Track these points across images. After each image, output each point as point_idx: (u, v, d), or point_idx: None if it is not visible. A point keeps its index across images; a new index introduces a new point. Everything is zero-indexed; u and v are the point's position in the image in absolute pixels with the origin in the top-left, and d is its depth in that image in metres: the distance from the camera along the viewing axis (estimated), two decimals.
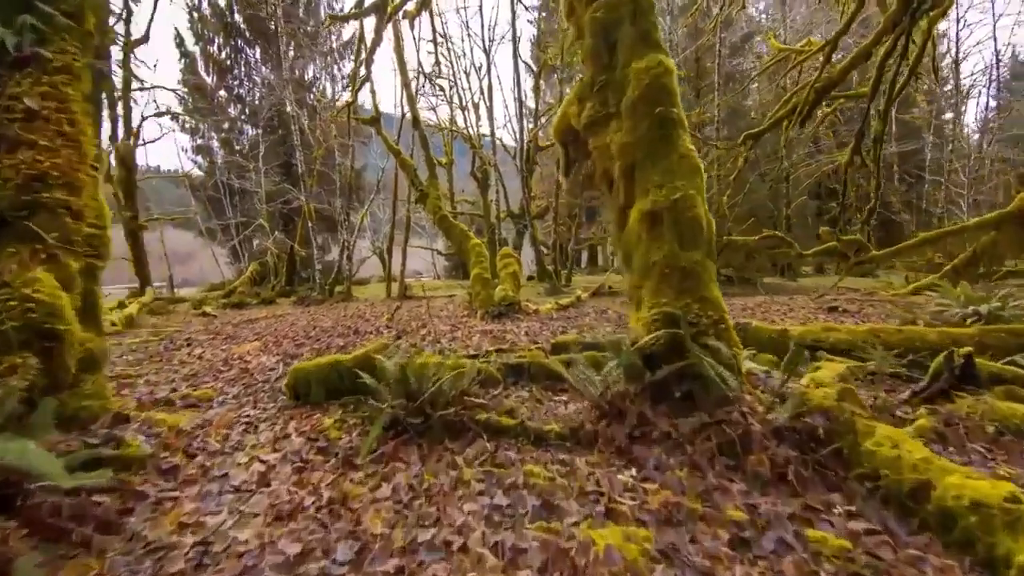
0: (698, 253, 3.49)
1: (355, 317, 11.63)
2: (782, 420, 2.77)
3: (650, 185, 3.60)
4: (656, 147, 3.64)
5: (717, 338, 3.35)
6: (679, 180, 3.55)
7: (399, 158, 11.47)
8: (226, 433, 3.52)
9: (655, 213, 3.53)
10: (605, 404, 3.33)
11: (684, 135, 3.71)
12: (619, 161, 3.76)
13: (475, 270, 10.09)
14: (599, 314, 9.70)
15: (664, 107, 3.65)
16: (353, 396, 4.07)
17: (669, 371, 3.20)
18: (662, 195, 3.53)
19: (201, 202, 22.34)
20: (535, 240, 15.86)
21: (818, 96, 12.54)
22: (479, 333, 7.43)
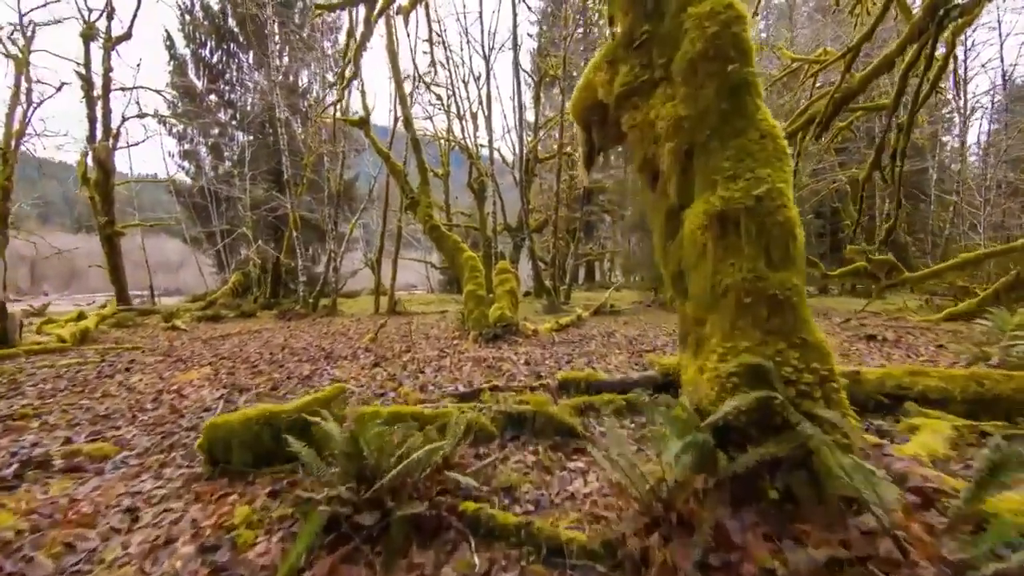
0: (793, 274, 2.33)
1: (335, 335, 10.43)
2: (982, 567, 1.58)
3: (718, 175, 2.44)
4: (726, 122, 2.48)
5: (827, 403, 2.17)
6: (762, 168, 2.39)
7: (388, 163, 10.35)
8: (80, 534, 2.30)
9: (727, 215, 2.37)
10: (658, 504, 2.13)
11: (763, 106, 2.56)
12: (669, 143, 2.60)
13: (469, 286, 8.91)
14: (605, 338, 8.52)
15: (737, 65, 2.51)
16: (292, 464, 2.88)
17: (760, 457, 2.02)
18: (738, 189, 2.37)
19: (187, 209, 21.10)
20: (533, 254, 14.72)
21: (836, 107, 11.55)
22: (471, 361, 6.22)
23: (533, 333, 8.91)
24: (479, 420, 3.54)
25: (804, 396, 2.14)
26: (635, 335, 8.80)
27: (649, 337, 8.55)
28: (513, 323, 8.19)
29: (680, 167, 2.58)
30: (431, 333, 9.80)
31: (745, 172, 2.40)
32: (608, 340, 8.17)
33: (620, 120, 2.92)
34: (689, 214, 2.53)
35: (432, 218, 9.68)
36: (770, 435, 2.11)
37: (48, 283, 45.46)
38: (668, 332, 9.25)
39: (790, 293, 2.27)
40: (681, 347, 2.72)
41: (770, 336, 2.23)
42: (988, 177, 16.91)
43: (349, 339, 9.79)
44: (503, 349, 7.20)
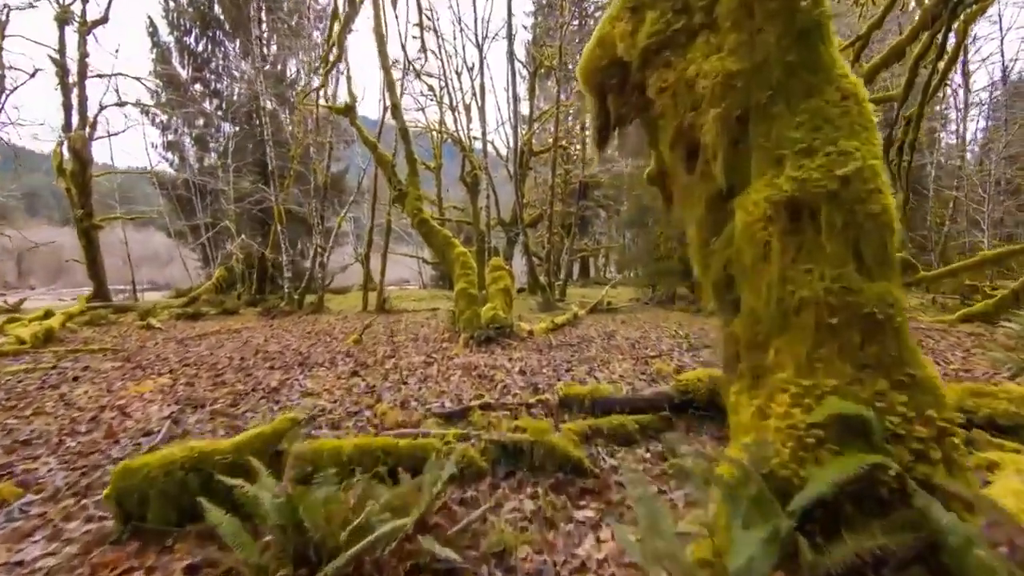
0: (893, 284, 1.68)
1: (318, 336, 9.75)
2: None
3: (786, 149, 1.79)
4: (794, 77, 1.83)
5: (948, 466, 1.53)
6: (846, 139, 1.74)
7: (375, 152, 9.65)
8: None
9: (800, 203, 1.72)
10: None
11: (839, 58, 1.91)
12: (715, 108, 1.94)
13: (460, 284, 8.24)
14: (605, 340, 7.88)
15: (809, 2, 1.85)
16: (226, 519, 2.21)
17: (864, 550, 1.38)
18: (815, 168, 1.72)
19: (170, 201, 20.25)
20: (528, 250, 14.06)
21: None
22: (460, 369, 5.56)
23: (528, 335, 8.27)
24: (467, 454, 2.89)
25: (919, 458, 1.50)
26: (637, 337, 8.17)
27: (652, 339, 7.92)
28: (507, 325, 7.54)
29: (730, 139, 1.92)
30: (419, 334, 9.13)
31: (824, 145, 1.74)
32: (608, 343, 7.53)
33: (645, 82, 2.26)
34: (743, 202, 1.87)
35: (421, 211, 9.00)
36: (872, 513, 1.47)
37: (35, 277, 44.40)
38: (671, 333, 8.64)
39: (891, 311, 1.62)
40: (728, 375, 2.07)
41: (866, 372, 1.59)
42: (991, 173, 16.37)
43: (332, 341, 9.12)
44: (496, 354, 6.54)
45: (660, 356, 6.29)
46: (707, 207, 2.05)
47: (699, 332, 8.79)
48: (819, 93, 1.81)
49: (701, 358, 6.23)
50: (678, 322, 11.34)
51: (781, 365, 1.72)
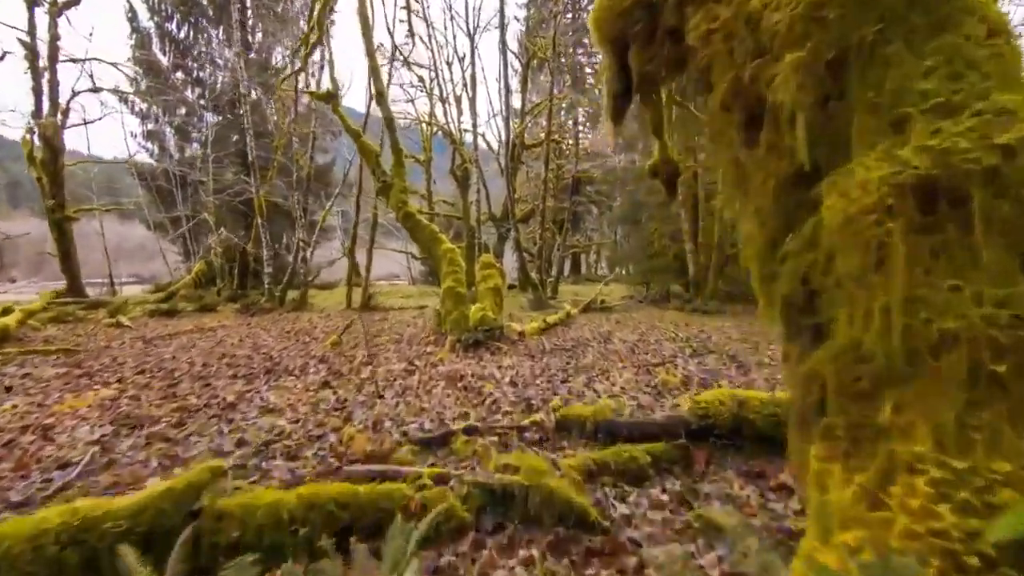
0: None
1: (297, 336, 9.12)
2: None
3: (910, 106, 1.20)
4: (917, 5, 1.24)
5: None
6: (1000, 91, 1.16)
7: (359, 141, 8.99)
8: None
9: (937, 185, 1.13)
10: None
11: None
12: (793, 52, 1.35)
13: (447, 282, 7.63)
14: (602, 343, 7.31)
15: None
16: None
17: None
18: (959, 134, 1.13)
19: (150, 192, 19.39)
20: (519, 246, 13.46)
21: None
22: (444, 380, 4.95)
23: (520, 336, 7.67)
24: (450, 504, 2.29)
25: None
26: (635, 340, 7.61)
27: (651, 343, 7.35)
28: (497, 326, 6.94)
29: (817, 95, 1.32)
30: (404, 335, 8.51)
31: (971, 100, 1.15)
32: (606, 347, 6.96)
33: (683, 25, 1.66)
34: (841, 185, 1.27)
35: (406, 204, 8.36)
36: None
37: (17, 270, 43.19)
38: (670, 335, 8.08)
39: None
40: (800, 430, 1.47)
41: None
42: None
43: (309, 342, 8.48)
44: (485, 360, 5.94)
45: (663, 364, 5.73)
46: (776, 193, 1.46)
47: (699, 335, 8.24)
48: (955, 27, 1.22)
49: (707, 366, 5.67)
50: (674, 322, 10.81)
51: (907, 431, 1.13)
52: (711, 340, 7.56)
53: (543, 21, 18.50)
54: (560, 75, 17.34)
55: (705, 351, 6.55)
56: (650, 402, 4.20)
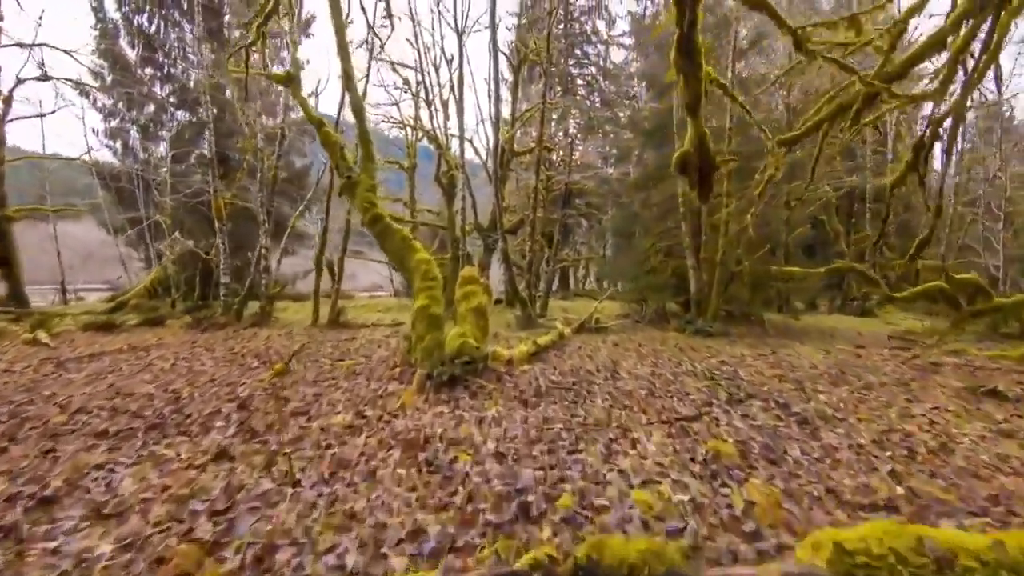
0: None
1: (242, 359, 7.53)
2: None
3: None
4: None
5: None
6: None
7: (321, 131, 7.41)
8: None
9: None
10: None
11: None
12: None
13: (420, 300, 6.03)
14: (609, 379, 5.75)
15: None
16: None
17: None
18: None
19: (110, 193, 17.53)
20: (507, 258, 11.90)
21: (872, 96, 9.21)
22: (401, 447, 3.34)
23: (507, 366, 6.09)
24: None
25: None
26: (647, 374, 6.06)
27: (668, 378, 5.82)
28: (479, 358, 5.35)
29: None
30: (367, 364, 6.89)
31: None
32: (615, 385, 5.40)
33: None
34: None
35: (375, 205, 6.76)
36: None
37: None
38: (686, 367, 6.56)
39: None
40: None
41: None
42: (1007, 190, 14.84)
43: (253, 368, 6.84)
44: (462, 406, 4.34)
45: (699, 417, 4.18)
46: None
47: (721, 367, 6.73)
48: None
49: (757, 421, 4.14)
50: (680, 346, 9.34)
51: None
52: (740, 376, 6.04)
53: (536, 21, 17.13)
54: (551, 79, 15.91)
55: (742, 394, 5.03)
56: (710, 499, 2.66)
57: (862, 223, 22.78)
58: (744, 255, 12.62)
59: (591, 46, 26.95)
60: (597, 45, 27.05)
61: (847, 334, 13.09)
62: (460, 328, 5.65)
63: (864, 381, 5.84)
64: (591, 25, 26.47)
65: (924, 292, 7.86)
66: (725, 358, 7.50)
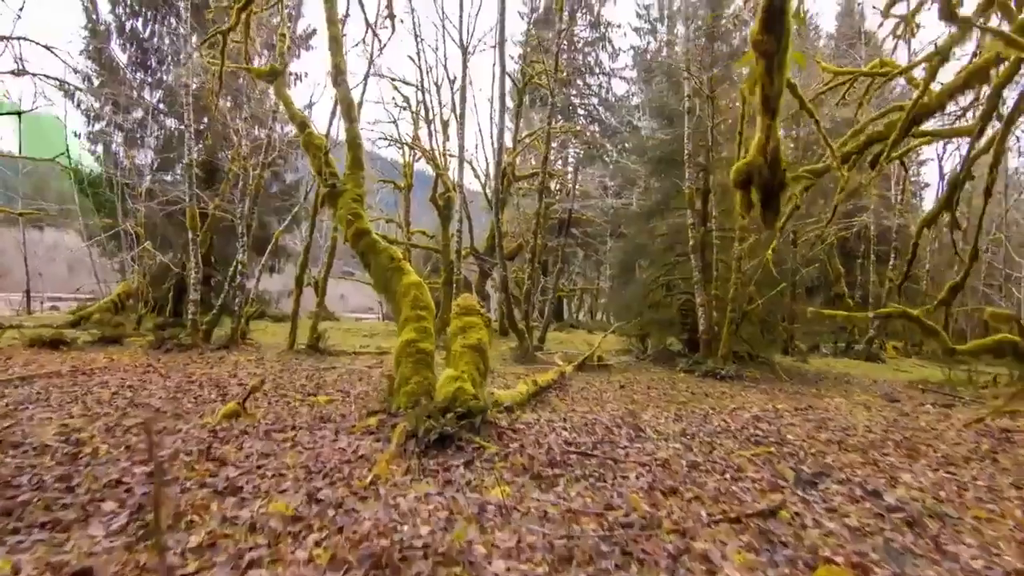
0: None
1: (198, 389, 6.35)
2: None
3: None
4: None
5: None
6: None
7: (304, 133, 6.36)
8: None
9: None
10: None
11: None
12: None
13: (407, 332, 4.89)
14: (635, 439, 4.61)
15: None
16: None
17: None
18: None
19: (87, 198, 16.31)
20: (505, 285, 10.80)
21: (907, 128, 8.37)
22: (363, 565, 2.19)
23: (509, 417, 4.94)
24: None
25: None
26: (677, 432, 4.92)
27: (704, 440, 4.68)
28: (478, 411, 4.19)
29: None
30: (340, 403, 5.70)
31: None
32: (644, 449, 4.26)
33: None
34: None
35: (360, 218, 5.66)
36: None
37: None
38: (722, 426, 5.43)
39: None
40: None
41: None
42: None
43: (209, 402, 5.67)
44: (455, 486, 3.16)
45: (775, 512, 3.04)
46: None
47: (758, 424, 5.62)
48: None
49: (853, 522, 3.01)
50: (691, 391, 8.28)
51: None
52: (787, 439, 4.92)
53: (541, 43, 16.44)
54: (558, 97, 15.13)
55: (807, 471, 3.90)
56: None
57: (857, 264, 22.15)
58: (755, 293, 11.64)
59: (593, 77, 26.51)
60: (599, 76, 26.62)
61: (862, 381, 12.05)
62: (454, 369, 4.50)
63: (940, 453, 4.74)
64: (594, 56, 26.07)
65: (994, 345, 6.82)
66: (757, 411, 6.39)
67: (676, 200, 13.42)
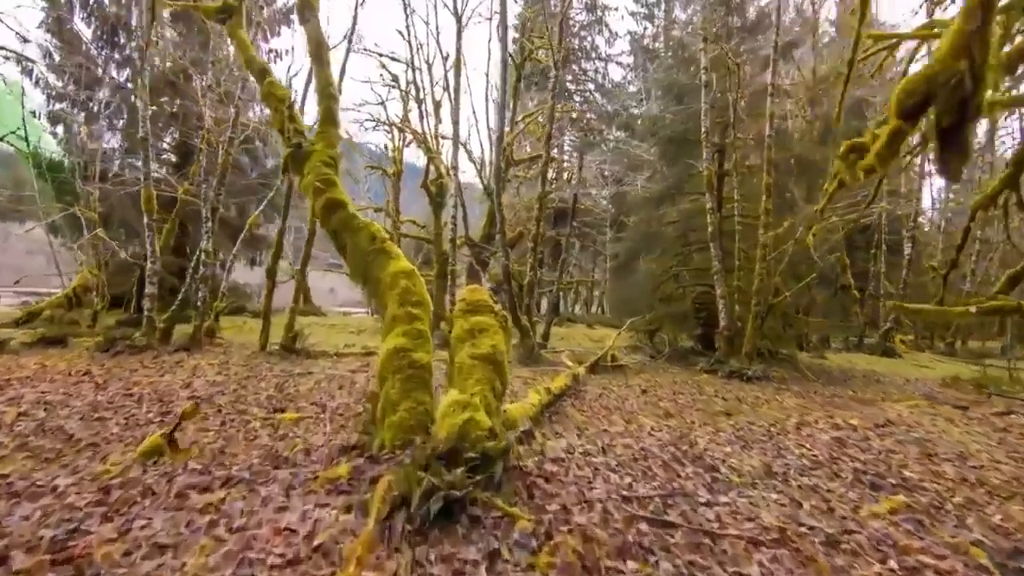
0: None
1: (135, 406, 4.89)
2: None
3: None
4: None
5: None
6: None
7: (265, 81, 4.83)
8: None
9: None
10: None
11: None
12: None
13: (394, 337, 3.48)
14: (717, 491, 3.24)
15: None
16: None
17: None
18: None
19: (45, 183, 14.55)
20: (508, 276, 9.35)
21: None
22: None
23: (535, 457, 3.56)
24: None
25: None
26: (759, 469, 3.55)
27: (792, 474, 3.33)
28: (497, 453, 2.77)
29: None
30: (312, 426, 4.28)
31: None
32: (733, 507, 2.89)
33: None
34: None
35: (333, 185, 4.20)
36: None
37: None
38: (808, 457, 4.08)
39: None
40: None
41: None
42: None
43: (127, 431, 4.22)
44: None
45: None
46: None
47: (836, 446, 4.28)
48: None
49: None
50: (723, 396, 6.98)
51: None
52: (908, 477, 3.59)
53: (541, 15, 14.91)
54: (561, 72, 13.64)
55: (992, 544, 2.56)
56: None
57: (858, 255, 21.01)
58: (781, 285, 10.32)
59: (589, 62, 25.02)
60: (595, 62, 25.13)
61: (894, 380, 10.80)
62: (460, 391, 3.08)
63: None
64: (590, 40, 24.57)
65: None
66: (830, 430, 5.04)
67: (690, 183, 12.05)
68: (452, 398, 3.03)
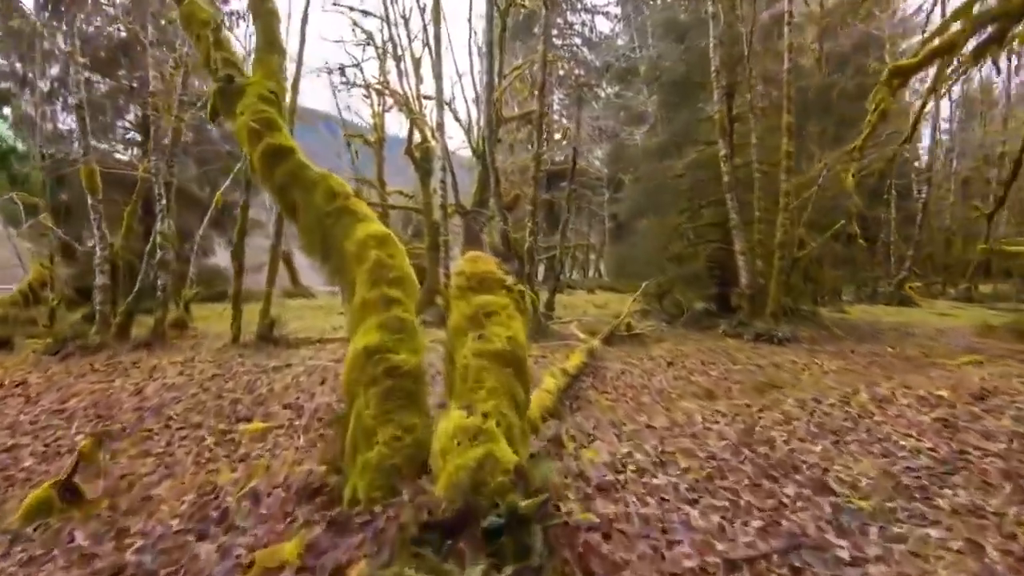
0: None
1: (64, 426, 3.80)
2: None
3: None
4: None
5: None
6: None
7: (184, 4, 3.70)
8: None
9: None
10: None
11: None
12: None
13: (365, 334, 2.40)
14: (827, 517, 2.23)
15: None
16: None
17: None
18: None
19: None
20: (508, 241, 8.21)
21: None
22: None
23: (574, 492, 2.52)
24: None
25: None
26: (876, 476, 2.54)
27: (936, 490, 2.33)
28: (530, 511, 1.71)
29: None
30: (283, 439, 3.25)
31: None
32: (888, 564, 1.89)
33: None
34: None
35: (277, 129, 3.05)
36: None
37: None
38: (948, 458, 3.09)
39: None
40: None
41: None
42: None
43: (36, 466, 3.16)
44: None
45: None
46: None
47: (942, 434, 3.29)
48: None
49: None
50: (758, 363, 6.03)
51: None
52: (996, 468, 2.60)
53: None
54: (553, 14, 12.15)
55: None
56: None
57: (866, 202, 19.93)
58: (806, 236, 9.26)
59: (575, 15, 23.25)
60: (581, 14, 23.37)
61: (926, 331, 9.91)
62: (467, 412, 1.99)
63: None
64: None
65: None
66: (906, 401, 4.05)
67: (697, 131, 10.82)
68: (456, 423, 1.95)
